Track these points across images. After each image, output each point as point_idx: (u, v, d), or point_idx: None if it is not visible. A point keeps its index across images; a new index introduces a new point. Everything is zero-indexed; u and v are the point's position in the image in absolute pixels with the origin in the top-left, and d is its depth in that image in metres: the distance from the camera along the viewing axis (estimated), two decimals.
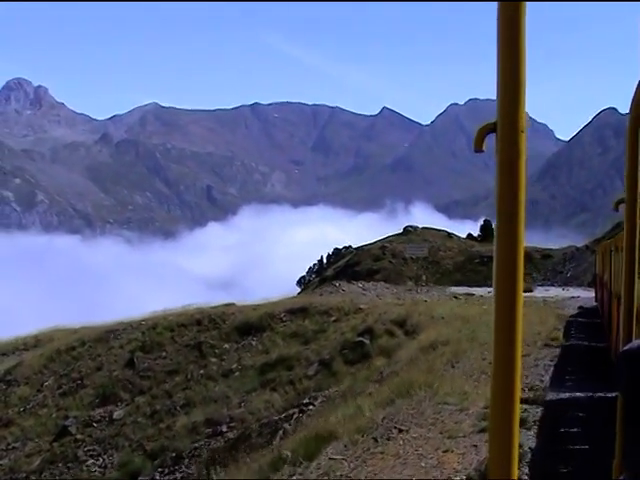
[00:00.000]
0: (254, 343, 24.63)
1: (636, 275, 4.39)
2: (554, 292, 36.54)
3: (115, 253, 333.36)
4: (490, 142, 2.00)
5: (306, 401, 16.53)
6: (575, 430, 9.07)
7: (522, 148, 1.93)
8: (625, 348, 2.35)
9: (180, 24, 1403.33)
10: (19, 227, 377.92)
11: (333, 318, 24.13)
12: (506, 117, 1.93)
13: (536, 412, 9.59)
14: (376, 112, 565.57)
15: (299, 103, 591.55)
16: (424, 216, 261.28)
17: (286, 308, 26.10)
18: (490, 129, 1.99)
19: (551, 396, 10.75)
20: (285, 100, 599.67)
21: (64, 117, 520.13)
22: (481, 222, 70.45)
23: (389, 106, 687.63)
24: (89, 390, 25.50)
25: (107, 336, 29.00)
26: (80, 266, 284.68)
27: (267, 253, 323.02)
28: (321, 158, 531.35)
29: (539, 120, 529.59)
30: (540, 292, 35.61)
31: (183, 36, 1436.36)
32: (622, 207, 4.32)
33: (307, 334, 23.48)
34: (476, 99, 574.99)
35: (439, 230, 65.07)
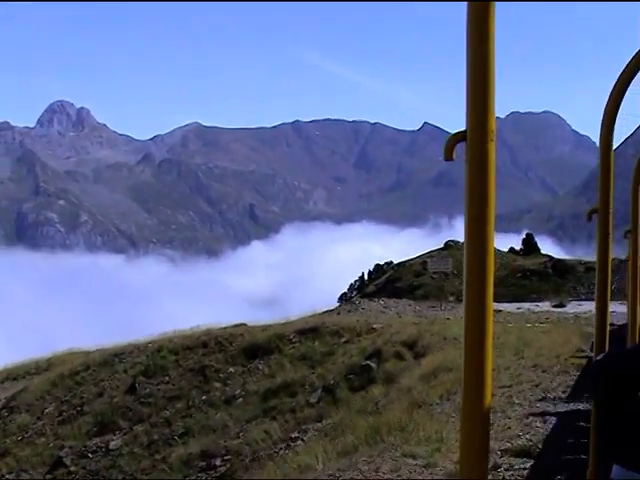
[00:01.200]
0: (260, 366, 23.04)
1: (609, 286, 4.41)
2: (588, 307, 34.48)
3: (158, 272, 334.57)
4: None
5: (295, 435, 14.90)
6: None
7: (491, 156, 2.00)
8: (597, 358, 2.63)
9: (220, 44, 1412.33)
10: (63, 248, 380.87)
11: (344, 339, 22.49)
12: (475, 126, 1.99)
13: None
14: (417, 127, 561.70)
15: (340, 120, 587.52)
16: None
17: (297, 328, 24.50)
18: (460, 138, 2.02)
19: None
20: (326, 117, 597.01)
21: (106, 138, 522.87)
22: (524, 236, 68.83)
23: (430, 121, 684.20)
24: (88, 418, 24.04)
25: (112, 360, 27.54)
26: (123, 285, 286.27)
27: (310, 270, 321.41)
28: (363, 174, 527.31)
29: (582, 132, 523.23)
30: (573, 307, 33.57)
31: (223, 56, 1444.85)
32: (595, 217, 4.35)
33: (315, 357, 21.83)
34: (517, 112, 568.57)
35: None
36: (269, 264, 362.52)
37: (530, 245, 61.91)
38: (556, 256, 54.43)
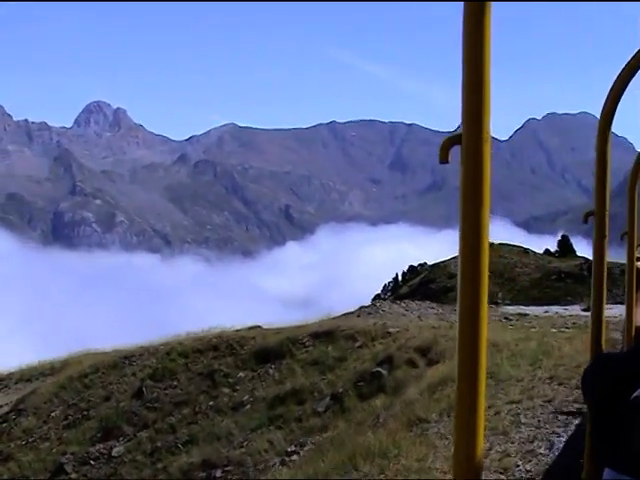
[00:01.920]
0: (271, 372, 21.95)
1: (604, 288, 4.52)
2: (618, 310, 32.98)
3: (193, 272, 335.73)
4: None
5: (291, 449, 13.85)
6: None
7: (487, 159, 1.96)
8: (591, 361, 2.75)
9: (256, 45, 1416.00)
10: (99, 247, 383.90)
11: (358, 344, 21.34)
12: (470, 128, 1.96)
13: None
14: (453, 128, 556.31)
15: (376, 121, 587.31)
16: (503, 231, 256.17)
17: (311, 332, 23.40)
18: (456, 141, 2.00)
19: None
20: (362, 118, 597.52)
21: (142, 138, 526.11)
22: (559, 237, 67.62)
23: None
24: (93, 423, 23.06)
25: (122, 362, 26.59)
26: (158, 285, 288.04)
27: (345, 272, 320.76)
28: (399, 176, 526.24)
29: (619, 134, 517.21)
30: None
31: (259, 57, 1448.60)
32: (592, 219, 4.37)
33: (328, 362, 20.70)
34: (554, 113, 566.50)
35: (515, 246, 62.29)
36: (304, 265, 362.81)
37: (565, 247, 60.70)
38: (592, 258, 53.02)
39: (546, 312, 34.14)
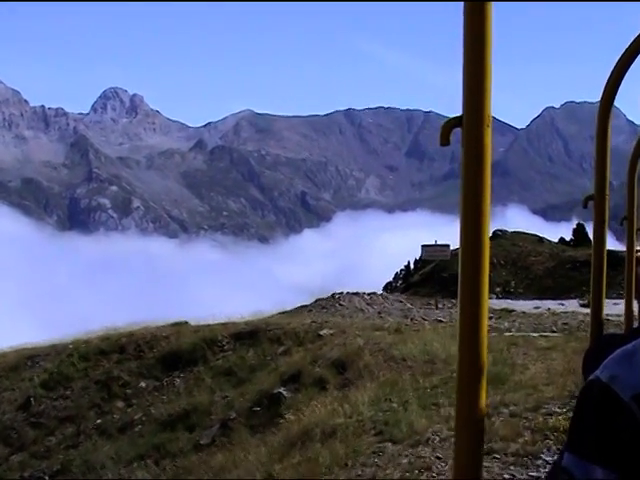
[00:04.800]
0: (177, 382, 18.00)
1: (604, 276, 4.44)
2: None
3: (209, 258, 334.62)
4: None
5: None
6: None
7: (487, 142, 1.96)
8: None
9: (273, 32, 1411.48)
10: (115, 233, 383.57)
11: (282, 348, 17.37)
12: (471, 111, 1.95)
13: None
14: None
15: (393, 108, 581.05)
16: (520, 219, 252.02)
17: (234, 332, 19.38)
18: (456, 123, 1.98)
19: None
20: (379, 105, 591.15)
21: (159, 125, 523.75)
22: (574, 225, 64.74)
23: None
24: None
25: (25, 363, 22.52)
26: (173, 270, 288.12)
27: (361, 259, 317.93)
28: (416, 163, 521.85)
29: (638, 122, 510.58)
30: (607, 306, 27.69)
31: (276, 43, 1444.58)
32: (591, 204, 4.30)
33: (242, 372, 16.74)
34: (572, 102, 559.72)
35: (530, 234, 59.55)
36: (321, 252, 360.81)
37: (581, 235, 58.72)
38: (609, 247, 50.26)
39: (537, 308, 30.08)
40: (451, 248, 32.68)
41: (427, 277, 49.90)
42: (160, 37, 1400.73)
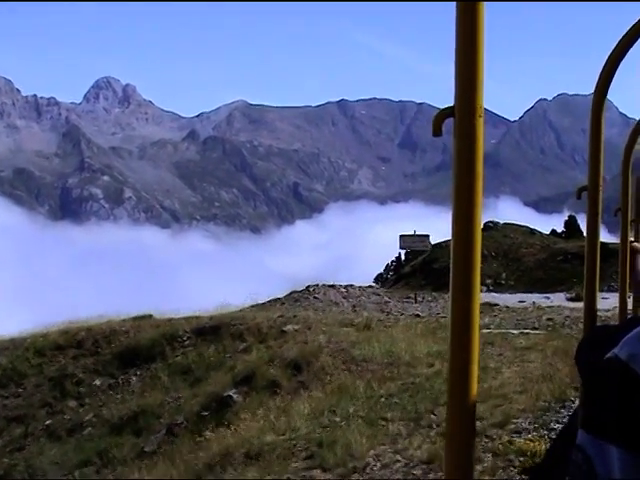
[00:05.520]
0: (134, 380, 16.97)
1: (597, 268, 4.47)
2: (615, 300, 27.36)
3: (201, 249, 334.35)
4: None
5: None
6: None
7: (479, 132, 1.97)
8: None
9: (266, 22, 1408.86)
10: (107, 223, 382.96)
11: (244, 345, 16.33)
12: (463, 101, 1.95)
13: None
14: None
15: (386, 99, 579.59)
16: (512, 211, 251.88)
17: (196, 327, 18.32)
18: (448, 114, 1.99)
19: None
20: (372, 96, 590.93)
21: (152, 115, 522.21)
22: (566, 217, 65.06)
23: None
24: None
25: None
26: (165, 260, 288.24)
27: (354, 251, 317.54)
28: (408, 154, 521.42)
29: (630, 115, 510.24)
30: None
31: (269, 34, 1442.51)
32: (585, 195, 4.36)
33: (199, 371, 15.68)
34: (565, 94, 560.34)
35: (521, 226, 59.26)
36: (313, 243, 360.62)
37: (572, 227, 59.55)
38: (601, 239, 50.39)
39: (522, 302, 29.02)
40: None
41: (418, 268, 49.64)
42: (153, 27, 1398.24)
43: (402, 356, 12.53)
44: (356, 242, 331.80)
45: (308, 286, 28.42)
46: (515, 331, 18.33)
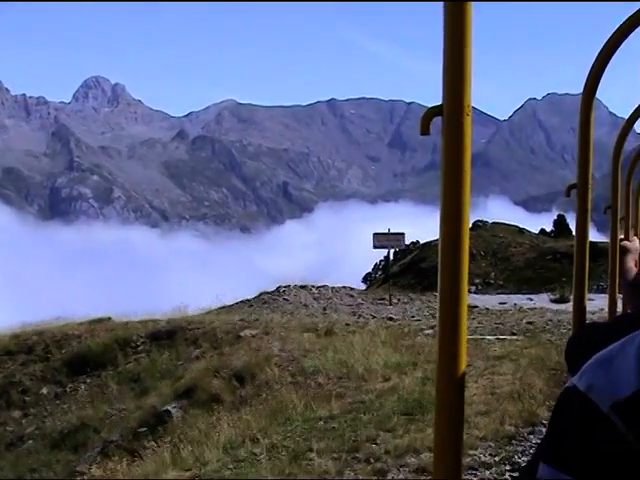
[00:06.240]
0: (82, 388, 15.91)
1: (587, 266, 4.42)
2: (601, 302, 26.09)
3: (191, 248, 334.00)
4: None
5: None
6: None
7: (467, 130, 1.97)
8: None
9: (255, 22, 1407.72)
10: (96, 223, 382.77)
11: (197, 352, 15.28)
12: (451, 100, 1.94)
13: None
14: None
15: (375, 99, 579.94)
16: (501, 210, 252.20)
17: (152, 331, 17.27)
18: (436, 112, 1.98)
19: None
20: (361, 96, 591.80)
21: (141, 114, 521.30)
22: (555, 217, 64.17)
23: None
24: None
25: None
26: (153, 260, 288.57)
27: (344, 250, 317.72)
28: (398, 154, 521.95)
29: (619, 114, 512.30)
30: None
31: (258, 33, 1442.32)
32: (574, 193, 4.32)
33: (151, 379, 14.61)
34: (554, 93, 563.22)
35: (510, 225, 58.96)
36: (303, 243, 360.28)
37: (562, 227, 58.71)
38: (590, 239, 50.39)
39: (502, 303, 28.04)
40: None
41: (406, 268, 50.04)
42: (142, 26, 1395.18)
43: (356, 368, 11.41)
44: (346, 241, 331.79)
45: (279, 287, 27.34)
46: (491, 337, 17.29)
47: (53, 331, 19.13)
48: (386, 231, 30.46)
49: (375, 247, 30.75)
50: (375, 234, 30.33)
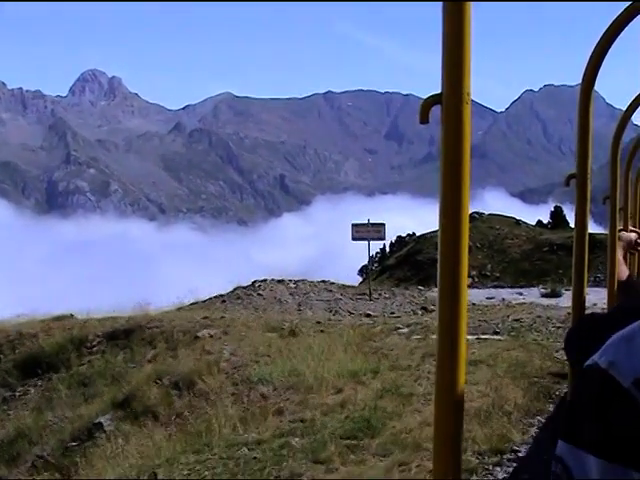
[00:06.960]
0: (32, 392, 14.85)
1: (586, 257, 4.43)
2: (594, 297, 24.83)
3: (188, 242, 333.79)
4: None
5: None
6: None
7: (467, 119, 1.96)
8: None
9: (252, 14, 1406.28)
10: (93, 216, 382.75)
11: (152, 353, 14.27)
12: (451, 88, 1.93)
13: None
14: None
15: (372, 91, 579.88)
16: (498, 202, 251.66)
17: (109, 330, 16.25)
18: (435, 101, 1.97)
19: None
20: (358, 88, 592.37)
21: (137, 107, 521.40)
22: (552, 208, 63.51)
23: None
24: None
25: None
26: (151, 253, 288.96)
27: (341, 243, 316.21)
28: (395, 146, 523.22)
29: (616, 106, 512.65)
30: (570, 298, 24.12)
31: (255, 26, 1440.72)
32: (573, 182, 4.36)
33: (101, 383, 13.60)
34: (551, 85, 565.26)
35: (506, 217, 58.30)
36: (301, 236, 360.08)
37: (558, 218, 58.17)
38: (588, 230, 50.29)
39: (490, 299, 26.85)
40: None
41: (402, 260, 49.84)
42: (139, 19, 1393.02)
43: (307, 377, 10.29)
44: (343, 234, 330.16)
45: (254, 281, 26.25)
46: (471, 337, 16.08)
47: (8, 330, 18.12)
48: (365, 222, 29.34)
49: (354, 239, 29.62)
50: (354, 225, 29.22)
